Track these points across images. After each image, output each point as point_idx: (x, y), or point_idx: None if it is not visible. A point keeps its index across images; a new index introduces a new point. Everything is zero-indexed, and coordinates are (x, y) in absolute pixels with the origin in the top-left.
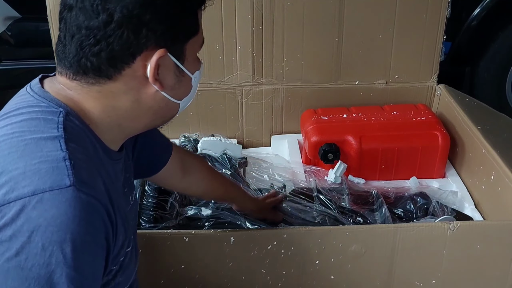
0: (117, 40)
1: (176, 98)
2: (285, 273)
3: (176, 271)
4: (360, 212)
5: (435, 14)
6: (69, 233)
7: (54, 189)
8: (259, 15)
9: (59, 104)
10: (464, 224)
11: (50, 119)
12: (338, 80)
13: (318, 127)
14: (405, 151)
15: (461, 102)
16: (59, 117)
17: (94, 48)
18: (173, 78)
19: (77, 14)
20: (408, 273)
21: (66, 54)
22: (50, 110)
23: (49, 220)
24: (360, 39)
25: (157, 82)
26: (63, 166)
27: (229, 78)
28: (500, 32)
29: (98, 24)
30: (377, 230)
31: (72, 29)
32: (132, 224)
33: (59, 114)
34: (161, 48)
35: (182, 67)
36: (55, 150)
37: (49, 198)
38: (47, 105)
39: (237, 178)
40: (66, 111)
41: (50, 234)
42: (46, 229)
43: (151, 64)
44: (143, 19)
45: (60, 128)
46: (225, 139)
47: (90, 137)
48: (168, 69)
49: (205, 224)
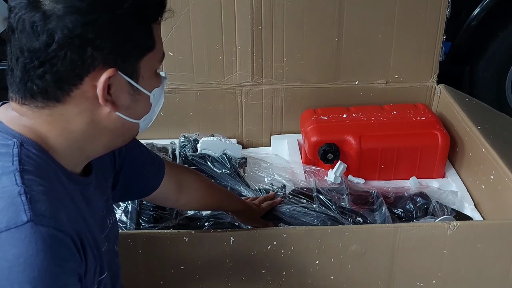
0: (61, 62)
1: (134, 117)
2: (285, 273)
3: (176, 271)
4: (360, 212)
5: (435, 14)
6: (36, 270)
7: (10, 227)
8: (259, 15)
9: (12, 134)
10: (464, 224)
11: (4, 152)
12: (338, 80)
13: (318, 127)
14: (405, 151)
15: (461, 101)
16: (14, 149)
17: (38, 70)
18: (128, 98)
19: (19, 37)
20: (408, 273)
21: (14, 78)
22: (3, 143)
23: (12, 261)
24: (360, 39)
25: (109, 102)
26: (19, 202)
27: (229, 78)
28: (500, 32)
29: (39, 46)
30: (377, 230)
31: (16, 52)
32: (110, 248)
33: (13, 146)
34: (110, 67)
35: (137, 85)
36: (10, 185)
37: (6, 238)
38: (0, 138)
39: (237, 178)
40: (21, 141)
41: (17, 275)
42: (10, 270)
43: (99, 85)
44: (86, 38)
45: (15, 161)
46: (225, 139)
47: (51, 164)
48: (121, 88)
49: (205, 224)
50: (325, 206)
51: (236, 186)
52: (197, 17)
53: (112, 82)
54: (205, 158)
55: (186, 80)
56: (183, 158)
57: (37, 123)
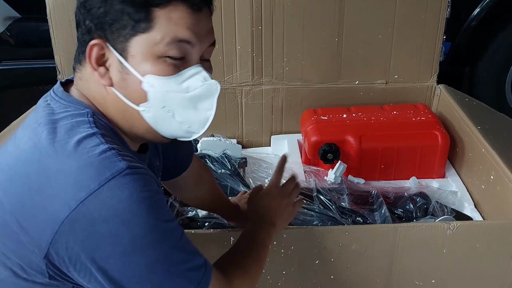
0: (79, 28)
1: (130, 99)
2: (285, 272)
3: None
4: (359, 212)
5: (435, 14)
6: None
7: (115, 175)
8: (259, 15)
9: (84, 105)
10: (464, 224)
11: (81, 120)
12: (338, 80)
13: (318, 127)
14: (405, 151)
15: (461, 102)
16: (89, 117)
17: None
18: (118, 75)
19: None
20: (407, 272)
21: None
22: (78, 112)
23: (126, 200)
24: (360, 39)
25: (106, 77)
26: (112, 155)
27: (229, 78)
28: (500, 32)
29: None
30: (377, 230)
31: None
32: None
33: (87, 115)
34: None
35: (125, 62)
36: (98, 144)
37: (115, 184)
38: (74, 108)
39: (237, 178)
40: (92, 112)
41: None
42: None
43: (87, 51)
44: (86, 9)
45: (93, 127)
46: (225, 139)
47: (117, 133)
48: (113, 63)
49: (205, 224)
50: (325, 206)
51: (236, 186)
52: None
53: (106, 54)
54: (205, 158)
55: None
56: None
57: (84, 87)
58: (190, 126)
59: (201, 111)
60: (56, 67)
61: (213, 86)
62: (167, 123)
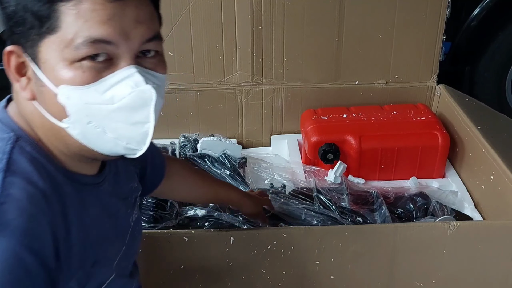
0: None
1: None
2: (285, 273)
3: (176, 271)
4: (359, 212)
5: (435, 14)
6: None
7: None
8: (259, 15)
9: (11, 128)
10: (464, 224)
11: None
12: (338, 80)
13: (318, 127)
14: (405, 151)
15: (461, 102)
16: (7, 144)
17: None
18: (34, 84)
19: None
20: (408, 273)
21: None
22: (1, 136)
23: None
24: (360, 39)
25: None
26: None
27: (229, 78)
28: (500, 32)
29: None
30: (377, 230)
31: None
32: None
33: (7, 140)
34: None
35: (38, 70)
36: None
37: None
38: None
39: (237, 178)
40: (18, 136)
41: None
42: None
43: (4, 57)
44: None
45: (4, 159)
46: (225, 139)
47: (44, 163)
48: (30, 72)
49: (205, 224)
50: (325, 206)
51: (236, 186)
52: (197, 17)
53: (25, 63)
54: (205, 158)
55: (186, 80)
56: (183, 158)
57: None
58: (129, 143)
59: (137, 125)
60: None
61: (146, 92)
62: (100, 140)
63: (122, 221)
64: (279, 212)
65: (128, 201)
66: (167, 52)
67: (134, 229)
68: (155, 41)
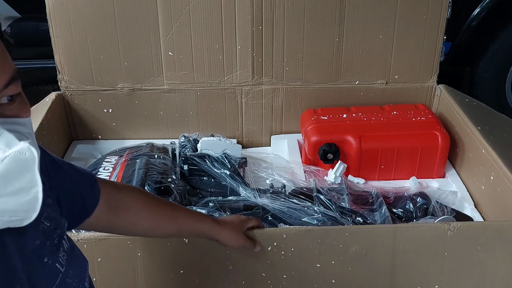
0: None
1: None
2: (285, 276)
3: (175, 274)
4: (359, 212)
5: (435, 14)
6: None
7: None
8: (259, 15)
9: None
10: (464, 225)
11: None
12: (338, 80)
13: (318, 127)
14: (405, 151)
15: (461, 102)
16: None
17: None
18: None
19: None
20: (410, 276)
21: None
22: None
23: None
24: (360, 39)
25: None
26: None
27: (229, 78)
28: (500, 32)
29: None
30: (377, 230)
31: None
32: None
33: None
34: None
35: None
36: None
37: None
38: None
39: (237, 178)
40: None
41: None
42: None
43: None
44: None
45: None
46: (225, 139)
47: None
48: None
49: None
50: (325, 206)
51: (236, 186)
52: (197, 17)
53: None
54: (205, 158)
55: (186, 80)
56: (183, 158)
57: None
58: (13, 215)
59: (20, 193)
60: (56, 66)
61: (26, 151)
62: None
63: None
64: (279, 212)
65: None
66: (167, 52)
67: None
68: (14, 84)
